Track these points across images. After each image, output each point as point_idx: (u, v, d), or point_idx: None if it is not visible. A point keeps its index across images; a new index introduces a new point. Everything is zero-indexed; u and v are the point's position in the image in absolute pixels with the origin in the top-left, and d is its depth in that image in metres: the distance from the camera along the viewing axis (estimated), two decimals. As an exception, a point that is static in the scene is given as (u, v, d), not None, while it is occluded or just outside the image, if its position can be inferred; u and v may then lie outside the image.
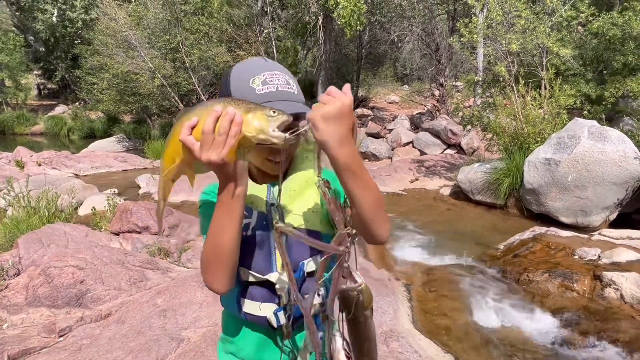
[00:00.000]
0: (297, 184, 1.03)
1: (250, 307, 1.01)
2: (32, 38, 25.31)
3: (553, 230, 4.84)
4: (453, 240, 5.27)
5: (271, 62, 1.00)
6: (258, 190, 1.02)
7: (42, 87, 29.33)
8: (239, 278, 1.00)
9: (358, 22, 11.79)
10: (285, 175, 1.03)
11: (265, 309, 0.99)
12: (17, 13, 25.22)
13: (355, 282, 0.86)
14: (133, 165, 11.22)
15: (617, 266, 3.77)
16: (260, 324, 1.02)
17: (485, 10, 9.15)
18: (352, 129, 0.80)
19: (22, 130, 21.02)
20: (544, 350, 3.02)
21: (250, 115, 0.80)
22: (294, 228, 0.95)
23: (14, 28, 24.73)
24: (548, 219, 5.74)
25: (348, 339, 0.92)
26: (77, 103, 22.99)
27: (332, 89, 0.80)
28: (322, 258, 0.92)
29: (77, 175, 9.84)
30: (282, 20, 15.19)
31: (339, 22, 12.09)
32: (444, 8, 14.14)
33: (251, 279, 1.00)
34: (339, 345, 0.90)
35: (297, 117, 0.92)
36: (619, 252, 3.99)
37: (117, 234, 4.97)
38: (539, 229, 4.89)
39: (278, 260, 0.99)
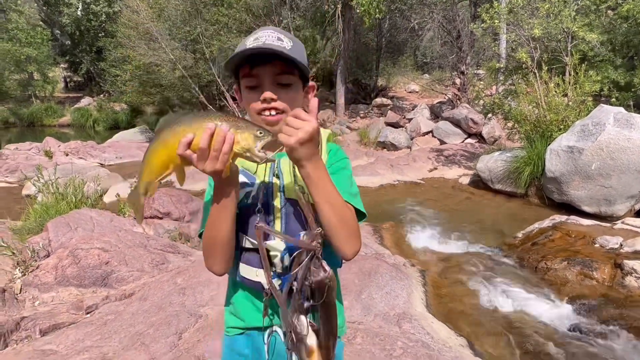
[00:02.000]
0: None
1: (247, 271, 1.06)
2: (59, 32, 26.05)
3: (574, 218, 4.76)
4: (471, 229, 5.24)
5: (273, 27, 1.04)
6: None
7: (68, 79, 30.18)
8: (238, 244, 1.05)
9: (377, 10, 11.65)
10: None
11: (261, 275, 1.04)
12: (44, 7, 25.97)
13: (325, 271, 0.96)
14: (155, 156, 11.47)
15: (639, 255, 3.70)
16: (256, 289, 1.07)
17: (508, -6, 8.90)
18: (318, 145, 0.92)
19: (50, 122, 21.70)
20: (559, 337, 3.00)
21: (239, 135, 0.87)
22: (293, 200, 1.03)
23: (41, 22, 25.42)
24: (570, 208, 5.63)
25: (319, 318, 1.01)
26: (101, 95, 23.55)
27: (299, 112, 0.88)
28: (296, 253, 0.99)
29: (102, 165, 10.16)
30: (301, 9, 15.11)
31: (358, 11, 11.98)
32: (466, -6, 13.83)
33: (248, 245, 1.04)
34: (303, 321, 1.00)
35: (264, 57, 0.96)
36: (642, 240, 3.92)
37: (140, 220, 5.13)
38: (559, 218, 4.81)
39: (276, 227, 1.03)
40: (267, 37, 0.98)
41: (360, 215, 1.04)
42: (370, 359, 2.35)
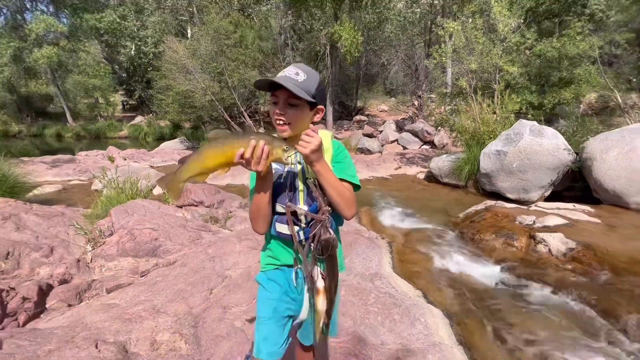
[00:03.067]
0: None
1: (281, 228, 1.16)
2: (117, 67, 25.61)
3: (500, 203, 4.80)
4: (425, 211, 5.27)
5: (299, 65, 1.12)
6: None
7: (125, 103, 29.67)
8: (275, 210, 1.16)
9: (356, 50, 11.64)
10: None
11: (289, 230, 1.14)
12: (105, 48, 25.52)
13: (330, 234, 1.09)
14: (191, 159, 11.37)
15: (547, 229, 3.74)
16: (287, 239, 1.17)
17: (452, 38, 8.94)
18: (321, 152, 1.05)
19: (112, 134, 21.38)
20: (489, 288, 3.03)
21: (273, 150, 0.99)
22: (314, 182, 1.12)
23: (103, 60, 25.02)
24: (498, 196, 5.69)
25: (325, 269, 1.13)
26: (150, 114, 23.17)
27: (309, 132, 1.01)
28: (312, 223, 1.11)
29: (151, 166, 10.05)
30: (300, 49, 15.03)
31: (342, 51, 11.96)
32: (421, 38, 13.85)
33: (282, 210, 1.14)
34: (317, 270, 1.13)
35: (276, 86, 1.05)
36: (550, 218, 3.96)
37: (181, 207, 5.09)
38: (490, 202, 4.85)
39: (301, 198, 1.14)
40: (289, 71, 1.08)
41: (357, 187, 1.17)
42: (351, 306, 2.37)
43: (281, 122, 1.08)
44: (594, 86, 8.26)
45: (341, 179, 1.11)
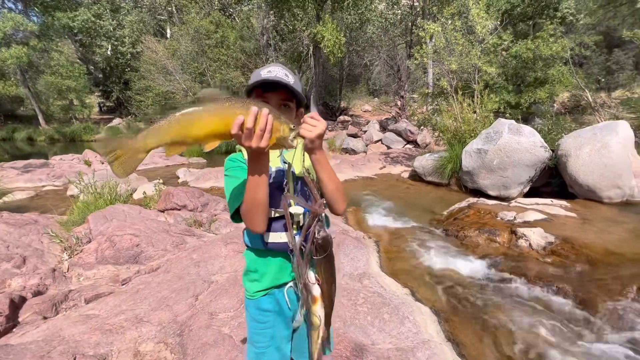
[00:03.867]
0: (299, 151, 1.11)
1: (275, 237, 1.05)
2: (93, 67, 24.71)
3: (482, 200, 4.90)
4: (410, 210, 5.31)
5: (281, 65, 1.06)
6: (273, 155, 1.10)
7: (102, 105, 28.70)
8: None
9: (339, 51, 11.69)
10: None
11: (284, 236, 1.04)
12: (80, 48, 24.56)
13: (326, 231, 0.97)
14: (173, 162, 11.12)
15: (527, 224, 3.84)
16: (282, 249, 1.06)
17: (432, 39, 9.11)
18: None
19: (88, 137, 20.57)
20: (474, 284, 3.09)
21: (279, 126, 0.82)
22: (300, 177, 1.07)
23: (78, 60, 24.06)
24: (479, 193, 5.79)
25: (322, 271, 0.98)
26: (129, 117, 22.56)
27: (315, 114, 0.89)
28: (309, 215, 0.99)
29: (131, 170, 9.72)
30: (282, 50, 14.95)
31: (325, 51, 11.98)
32: (403, 39, 14.06)
33: (275, 214, 1.04)
34: (311, 275, 0.99)
35: (275, 86, 0.98)
36: (529, 214, 4.07)
37: (163, 211, 4.95)
38: (472, 200, 4.94)
39: (292, 200, 1.05)
40: (278, 72, 1.00)
41: None
42: (341, 307, 2.36)
43: None
44: (566, 86, 8.62)
45: None
